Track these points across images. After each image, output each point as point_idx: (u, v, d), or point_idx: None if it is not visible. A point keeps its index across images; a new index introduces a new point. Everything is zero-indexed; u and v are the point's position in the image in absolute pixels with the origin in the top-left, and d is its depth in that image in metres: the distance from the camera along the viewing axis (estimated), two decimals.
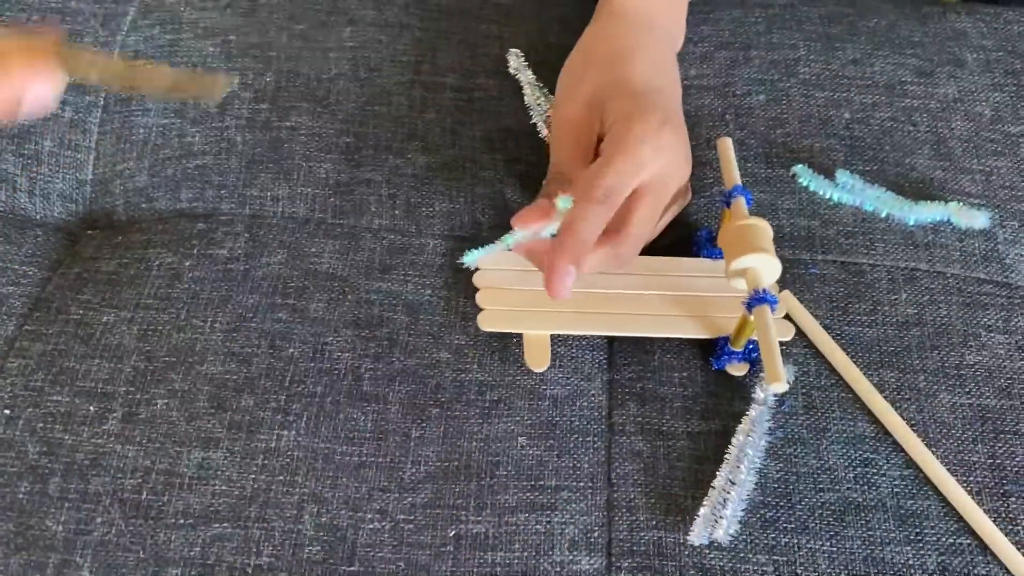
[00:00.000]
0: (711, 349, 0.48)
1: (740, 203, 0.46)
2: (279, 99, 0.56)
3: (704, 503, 0.43)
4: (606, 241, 0.44)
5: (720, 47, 0.60)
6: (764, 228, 0.44)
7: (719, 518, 0.43)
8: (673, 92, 0.50)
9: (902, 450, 0.45)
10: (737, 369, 0.47)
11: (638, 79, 0.49)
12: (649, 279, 0.49)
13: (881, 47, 0.60)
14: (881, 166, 0.55)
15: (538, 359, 0.47)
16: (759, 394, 0.46)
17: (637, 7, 0.53)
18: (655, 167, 0.45)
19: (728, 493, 0.43)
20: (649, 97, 0.48)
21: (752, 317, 0.43)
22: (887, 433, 0.46)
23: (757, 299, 0.43)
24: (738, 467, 0.44)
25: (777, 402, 0.46)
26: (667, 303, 0.49)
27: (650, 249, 0.50)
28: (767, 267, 0.44)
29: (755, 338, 0.46)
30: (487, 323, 0.48)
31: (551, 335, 0.48)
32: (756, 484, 0.44)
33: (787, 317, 0.49)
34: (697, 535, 0.43)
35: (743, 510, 0.43)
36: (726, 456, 0.44)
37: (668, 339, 0.49)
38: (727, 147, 0.50)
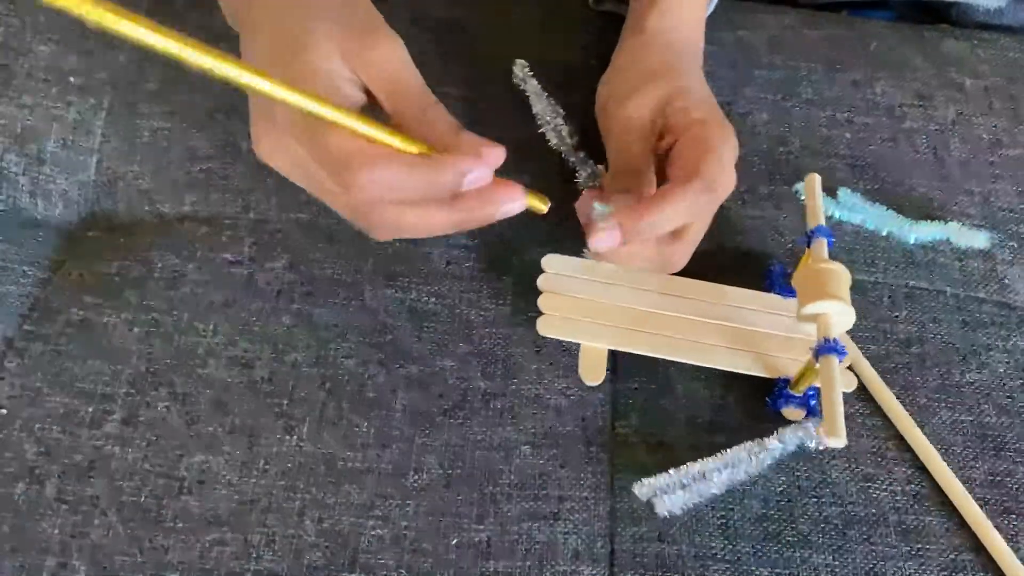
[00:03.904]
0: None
1: (821, 244, 0.46)
2: None
3: (671, 471, 0.43)
4: (662, 241, 0.46)
5: (723, 66, 0.61)
6: (843, 274, 0.43)
7: (670, 492, 0.43)
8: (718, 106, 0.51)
9: (904, 465, 0.46)
10: (794, 414, 0.46)
11: (698, 89, 0.50)
12: (716, 308, 0.49)
13: (881, 70, 0.61)
14: (881, 186, 0.55)
15: (593, 372, 0.46)
16: (803, 438, 0.44)
17: (672, 27, 0.53)
18: (728, 171, 0.46)
19: (694, 480, 0.43)
20: (713, 106, 0.49)
21: (818, 365, 0.42)
22: (889, 448, 0.46)
23: (826, 348, 0.42)
24: (721, 471, 0.44)
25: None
26: (730, 335, 0.48)
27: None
28: (840, 315, 0.43)
29: (816, 385, 0.45)
30: (546, 329, 0.47)
31: (586, 348, 0.47)
32: (760, 499, 0.44)
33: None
34: (642, 490, 0.43)
35: (693, 504, 0.43)
36: (721, 452, 0.44)
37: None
38: (815, 184, 0.49)
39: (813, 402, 0.46)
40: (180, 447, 0.44)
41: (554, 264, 0.49)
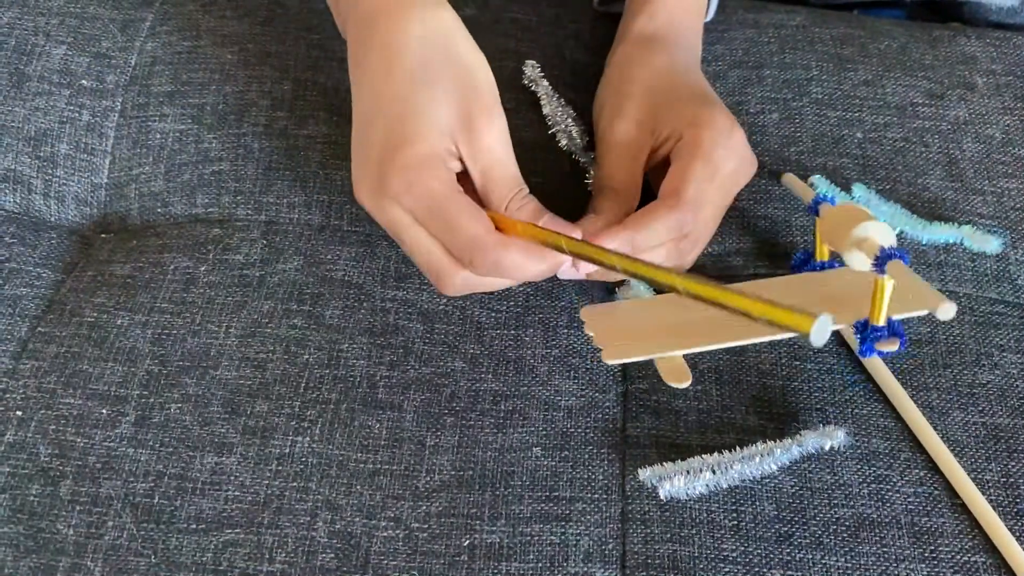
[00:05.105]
0: (736, 364, 0.48)
1: (826, 205, 0.47)
2: (296, 107, 0.56)
3: (679, 461, 0.44)
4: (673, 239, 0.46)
5: (733, 66, 0.60)
6: (863, 208, 0.45)
7: (674, 477, 0.44)
8: (718, 98, 0.51)
9: (917, 467, 0.45)
10: (888, 344, 0.45)
11: (690, 89, 0.50)
12: (770, 294, 0.48)
13: (892, 69, 0.61)
14: (893, 185, 0.55)
15: (677, 375, 0.45)
16: (820, 440, 0.45)
17: (664, 28, 0.53)
18: (728, 170, 0.46)
19: (703, 472, 0.44)
20: (708, 103, 0.49)
21: (886, 278, 0.43)
22: (901, 449, 0.46)
23: (886, 256, 0.43)
24: (732, 465, 0.44)
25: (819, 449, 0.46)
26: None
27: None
28: (882, 233, 0.44)
29: (894, 317, 0.45)
30: (613, 356, 0.46)
31: (661, 360, 0.46)
32: (772, 500, 0.44)
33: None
34: (647, 474, 0.44)
35: (699, 493, 0.44)
36: (735, 449, 0.45)
37: (682, 355, 0.48)
38: (793, 179, 0.52)
39: (900, 328, 0.46)
40: (193, 448, 0.45)
41: (592, 313, 0.48)
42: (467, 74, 0.45)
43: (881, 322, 0.45)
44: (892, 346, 0.45)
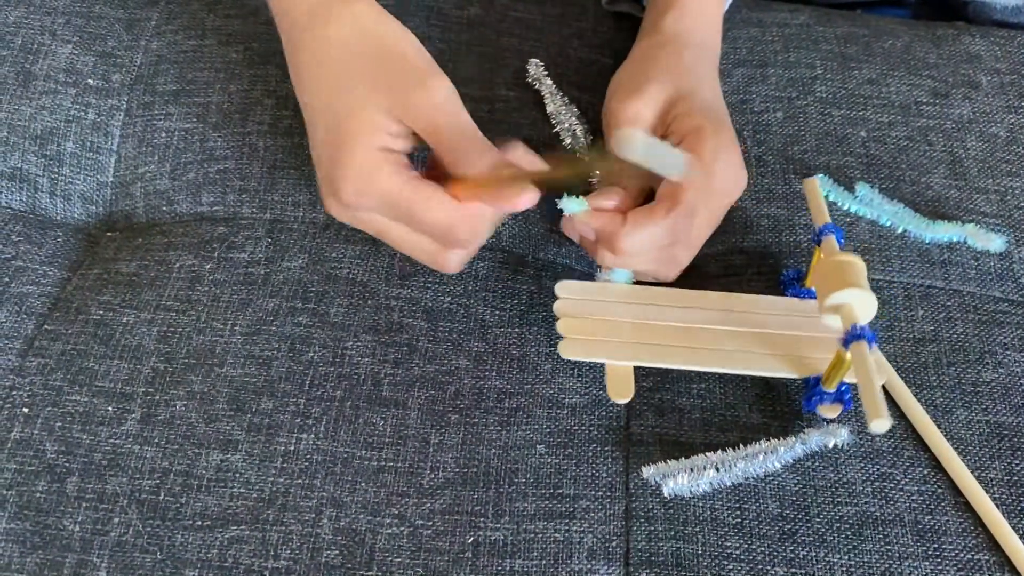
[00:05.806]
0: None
1: (831, 240, 0.46)
2: None
3: (683, 459, 0.45)
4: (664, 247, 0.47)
5: (737, 64, 0.61)
6: (859, 265, 0.44)
7: (678, 475, 0.44)
8: (726, 112, 0.51)
9: (920, 465, 0.46)
10: (829, 411, 0.46)
11: (703, 97, 0.50)
12: (736, 315, 0.48)
13: (896, 68, 0.61)
14: (897, 184, 0.55)
15: (621, 390, 0.46)
16: (827, 441, 0.45)
17: (689, 29, 0.53)
18: (725, 182, 0.46)
19: (707, 470, 0.44)
20: (716, 115, 0.49)
21: (848, 354, 0.42)
22: (905, 448, 0.46)
23: (854, 335, 0.42)
24: (736, 463, 0.44)
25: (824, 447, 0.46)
26: (755, 340, 0.47)
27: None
28: (863, 303, 0.43)
29: (847, 381, 0.45)
30: (569, 351, 0.46)
31: (612, 367, 0.47)
32: (776, 498, 0.44)
33: None
34: (651, 472, 0.44)
35: (703, 491, 0.44)
36: (741, 446, 0.45)
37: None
38: (815, 187, 0.50)
39: (848, 396, 0.46)
40: (198, 445, 0.45)
41: (567, 289, 0.49)
42: (391, 51, 0.45)
43: (831, 389, 0.45)
44: (833, 412, 0.46)
